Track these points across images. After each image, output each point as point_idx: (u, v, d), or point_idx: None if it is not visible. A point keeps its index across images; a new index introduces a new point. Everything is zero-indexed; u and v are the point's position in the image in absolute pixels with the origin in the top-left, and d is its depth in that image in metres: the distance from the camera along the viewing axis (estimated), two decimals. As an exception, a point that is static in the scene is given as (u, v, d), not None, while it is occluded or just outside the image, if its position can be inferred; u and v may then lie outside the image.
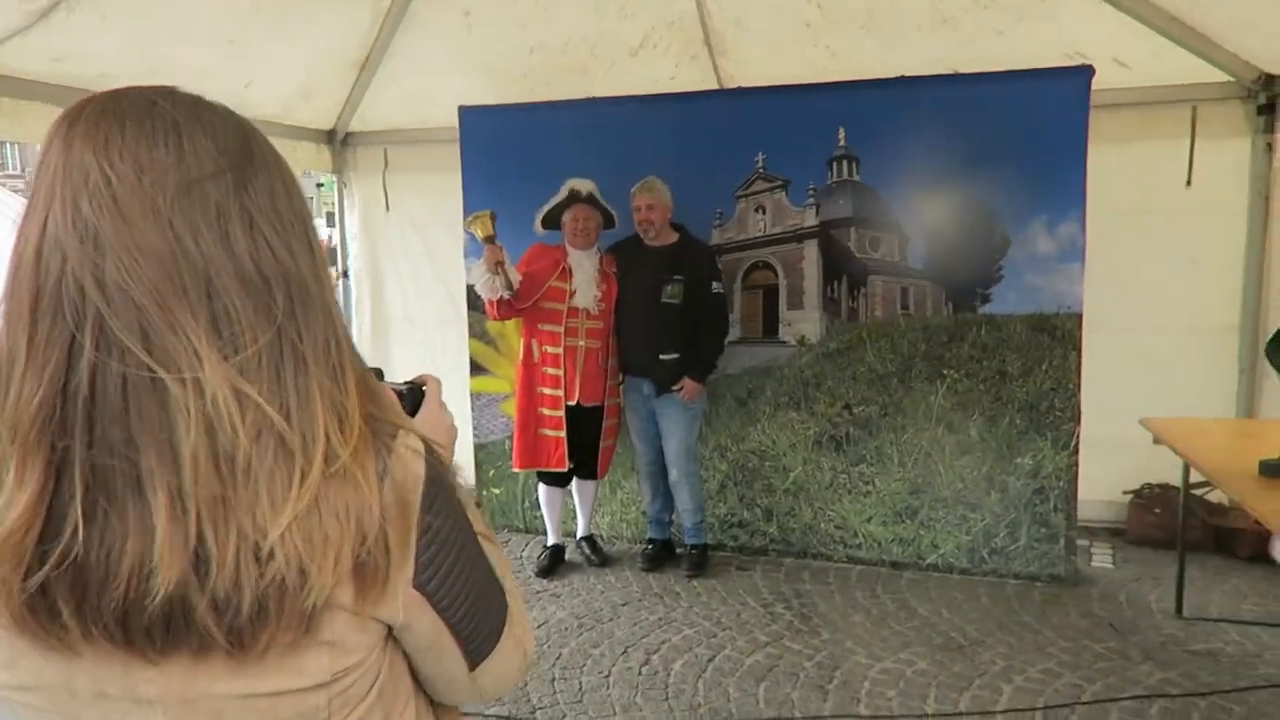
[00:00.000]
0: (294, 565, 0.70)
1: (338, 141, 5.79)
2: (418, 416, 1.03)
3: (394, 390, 1.04)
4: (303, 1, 4.10)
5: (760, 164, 4.45)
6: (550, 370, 4.34)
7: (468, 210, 4.85)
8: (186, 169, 0.70)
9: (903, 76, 4.20)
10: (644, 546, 4.66)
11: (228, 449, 0.68)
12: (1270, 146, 4.45)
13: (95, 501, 0.67)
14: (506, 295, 4.17)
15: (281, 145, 5.29)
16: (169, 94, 0.74)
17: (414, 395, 1.06)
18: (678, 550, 4.65)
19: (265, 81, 4.68)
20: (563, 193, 4.37)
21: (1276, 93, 4.36)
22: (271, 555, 0.69)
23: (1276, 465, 3.01)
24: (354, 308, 6.07)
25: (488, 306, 4.32)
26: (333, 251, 6.76)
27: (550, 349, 4.33)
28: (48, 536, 0.67)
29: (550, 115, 4.73)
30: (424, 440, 0.80)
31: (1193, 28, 4.12)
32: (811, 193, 4.40)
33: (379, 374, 1.05)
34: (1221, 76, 4.38)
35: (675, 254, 4.27)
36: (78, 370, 0.67)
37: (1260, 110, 4.41)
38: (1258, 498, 2.92)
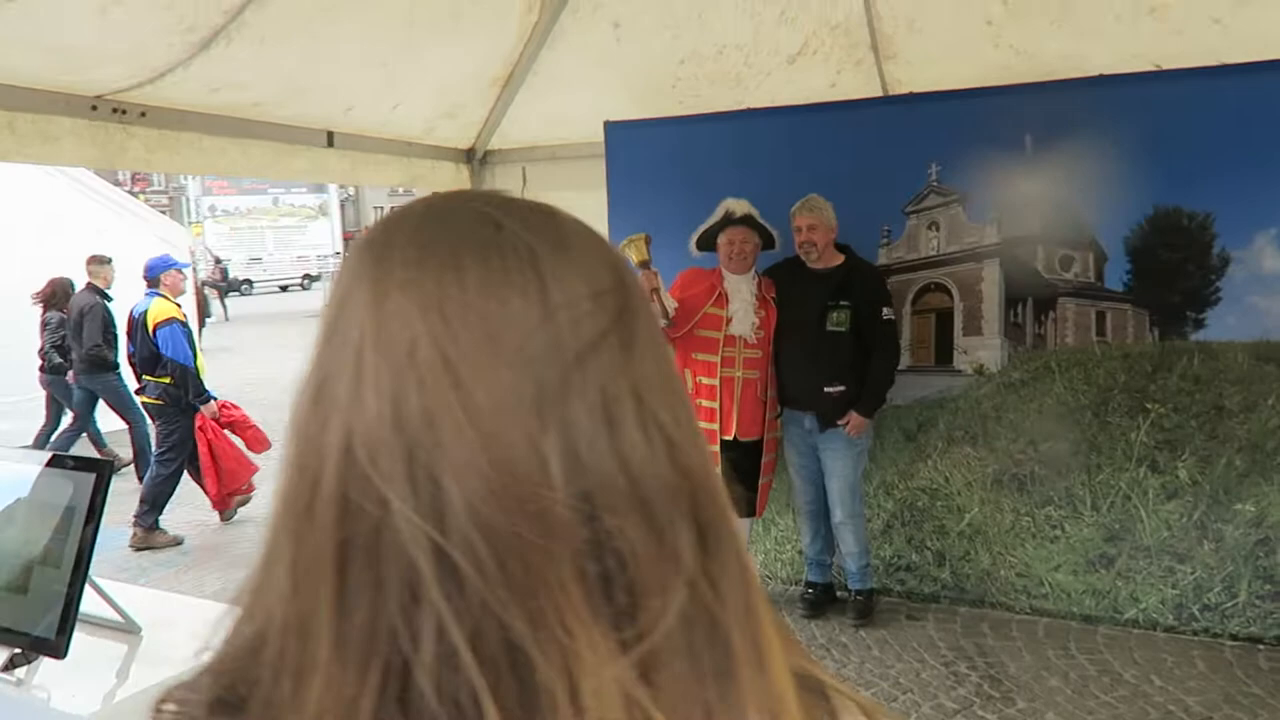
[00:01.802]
0: None
1: (476, 160, 5.69)
2: None
3: None
4: (455, 20, 3.96)
5: (934, 176, 4.08)
6: (705, 403, 4.07)
7: (613, 230, 4.65)
8: (557, 331, 0.44)
9: (1101, 75, 3.76)
10: (803, 590, 4.34)
11: None
12: None
13: None
14: (662, 324, 3.93)
15: (423, 166, 5.27)
16: (507, 206, 0.47)
17: None
18: (838, 594, 4.32)
19: (412, 102, 4.59)
20: (718, 213, 4.10)
21: None
22: None
23: None
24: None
25: None
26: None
27: (705, 380, 4.06)
28: None
29: (701, 128, 4.48)
30: (861, 705, 0.53)
31: None
32: (993, 207, 4.00)
33: None
34: None
35: (841, 277, 3.94)
36: (414, 693, 0.40)
37: None
38: None
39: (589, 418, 0.43)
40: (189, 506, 6.15)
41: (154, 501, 5.73)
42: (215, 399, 5.85)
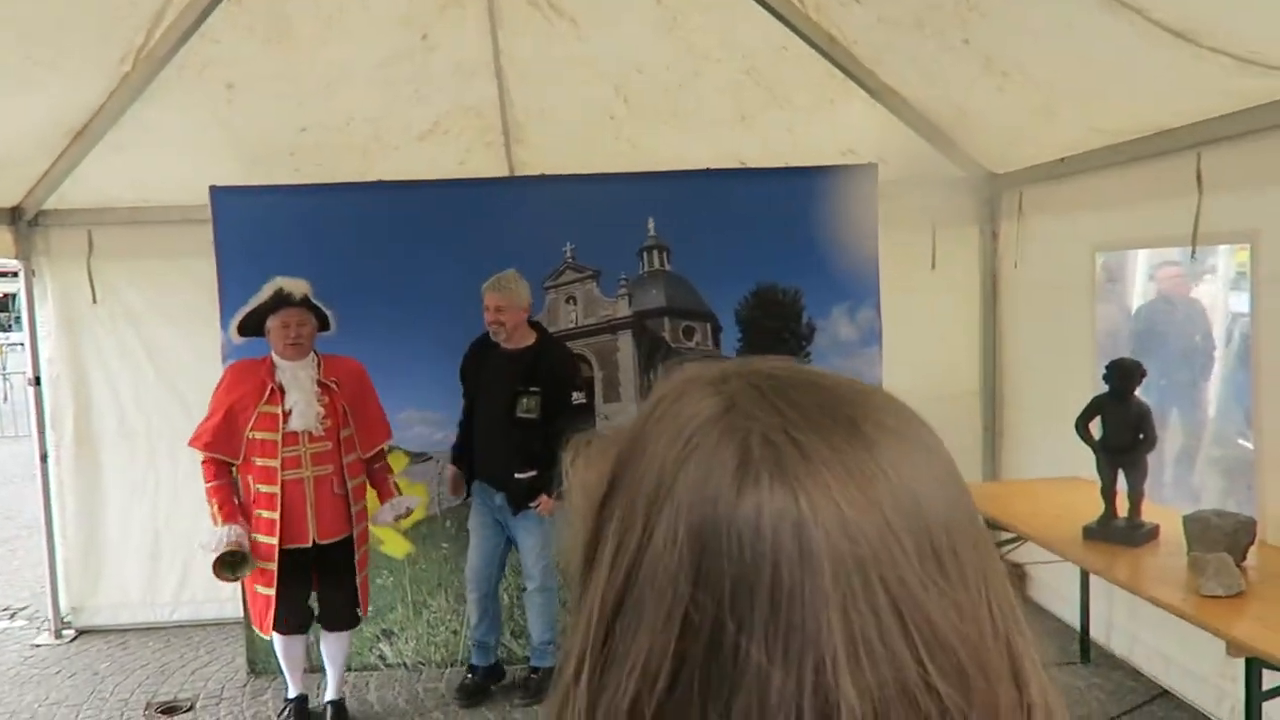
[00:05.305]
0: None
1: (23, 221, 4.78)
2: None
3: None
4: (34, 65, 3.33)
5: (569, 254, 4.31)
6: (265, 514, 3.61)
7: (226, 309, 4.16)
8: None
9: (709, 169, 4.28)
10: (464, 676, 4.17)
11: None
12: (994, 234, 5.11)
13: None
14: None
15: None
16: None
17: None
18: (506, 671, 4.23)
19: (-45, 156, 3.75)
20: (265, 293, 3.64)
21: (998, 189, 5.01)
22: None
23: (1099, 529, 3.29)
24: (48, 421, 4.99)
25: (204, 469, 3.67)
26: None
27: (264, 488, 3.60)
28: None
29: (329, 198, 4.24)
30: None
31: (940, 130, 4.61)
32: (623, 283, 4.32)
33: None
34: (958, 172, 4.95)
35: (531, 360, 3.87)
36: None
37: (985, 203, 5.06)
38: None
39: None
40: None
41: None
42: None
